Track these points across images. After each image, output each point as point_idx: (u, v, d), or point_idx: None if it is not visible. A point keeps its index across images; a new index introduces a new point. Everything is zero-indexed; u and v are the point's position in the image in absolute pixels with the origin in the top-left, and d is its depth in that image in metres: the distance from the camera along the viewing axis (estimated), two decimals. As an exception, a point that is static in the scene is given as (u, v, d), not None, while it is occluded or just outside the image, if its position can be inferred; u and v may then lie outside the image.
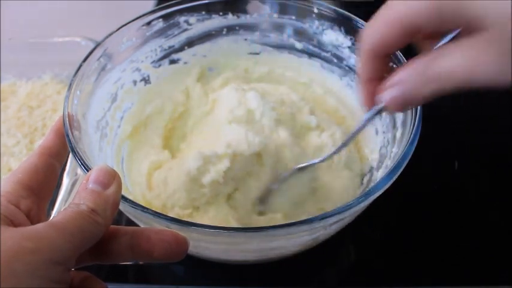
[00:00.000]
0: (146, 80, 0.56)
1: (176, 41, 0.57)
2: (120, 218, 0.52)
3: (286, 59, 0.59)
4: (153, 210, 0.36)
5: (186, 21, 0.55)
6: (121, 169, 0.51)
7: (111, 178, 0.31)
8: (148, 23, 0.53)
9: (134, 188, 0.50)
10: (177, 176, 0.47)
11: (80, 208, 0.29)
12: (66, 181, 0.51)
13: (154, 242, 0.31)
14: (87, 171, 0.38)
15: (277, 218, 0.47)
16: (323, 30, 0.55)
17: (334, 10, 0.52)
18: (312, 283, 0.50)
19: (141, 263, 0.51)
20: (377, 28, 0.32)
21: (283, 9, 0.55)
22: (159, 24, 0.54)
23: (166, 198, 0.47)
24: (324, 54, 0.57)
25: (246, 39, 0.59)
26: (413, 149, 0.40)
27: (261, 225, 0.38)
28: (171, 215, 0.45)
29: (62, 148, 0.38)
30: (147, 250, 0.31)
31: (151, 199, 0.48)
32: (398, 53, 0.43)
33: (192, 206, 0.47)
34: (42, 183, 0.34)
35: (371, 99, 0.35)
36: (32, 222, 0.31)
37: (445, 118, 0.63)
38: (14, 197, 0.31)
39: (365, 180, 0.51)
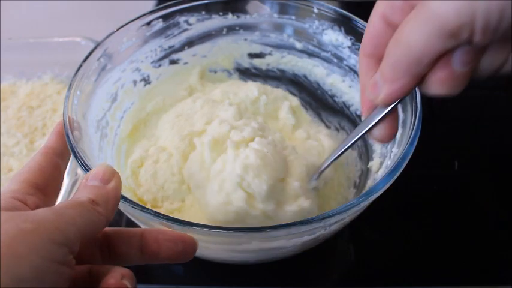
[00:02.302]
0: (146, 80, 0.56)
1: (176, 41, 0.57)
2: (120, 218, 0.52)
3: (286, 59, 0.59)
4: (153, 210, 0.36)
5: (186, 21, 0.55)
6: (121, 168, 0.51)
7: (111, 175, 0.32)
8: (148, 23, 0.53)
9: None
10: (166, 164, 0.48)
11: (79, 199, 0.29)
12: (66, 181, 0.51)
13: (161, 242, 0.31)
14: (87, 171, 0.38)
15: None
16: (323, 30, 0.55)
17: (334, 10, 0.52)
18: (312, 283, 0.50)
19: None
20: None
21: (283, 9, 0.55)
22: (159, 24, 0.54)
23: (157, 191, 0.48)
24: (324, 54, 0.57)
25: (246, 39, 0.59)
26: (413, 149, 0.40)
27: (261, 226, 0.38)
28: (162, 210, 0.46)
29: (65, 148, 0.39)
30: (155, 251, 0.31)
31: (142, 195, 0.48)
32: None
33: (181, 198, 0.48)
34: (47, 181, 0.34)
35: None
36: None
37: (445, 118, 0.63)
38: (21, 194, 0.31)
39: (364, 180, 0.51)
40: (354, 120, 0.56)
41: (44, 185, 0.33)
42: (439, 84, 0.29)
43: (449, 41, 0.26)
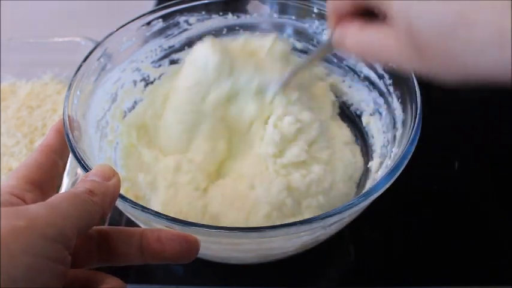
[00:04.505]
0: (146, 80, 0.56)
1: (176, 41, 0.57)
2: (120, 218, 0.52)
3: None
4: (153, 210, 0.36)
5: (186, 21, 0.55)
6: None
7: (111, 174, 0.32)
8: (148, 23, 0.53)
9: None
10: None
11: (75, 191, 0.29)
12: (66, 181, 0.51)
13: (164, 241, 0.31)
14: (87, 171, 0.38)
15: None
16: (323, 30, 0.55)
17: (334, 10, 0.52)
18: (312, 283, 0.50)
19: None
20: None
21: (283, 9, 0.55)
22: (159, 24, 0.54)
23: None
24: (324, 54, 0.57)
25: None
26: (413, 149, 0.40)
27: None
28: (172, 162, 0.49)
29: (64, 146, 0.38)
30: (157, 250, 0.31)
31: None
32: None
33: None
34: (45, 178, 0.34)
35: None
36: None
37: (445, 118, 0.63)
38: (19, 191, 0.31)
39: (364, 180, 0.51)
40: (354, 120, 0.56)
41: (41, 182, 0.33)
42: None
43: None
